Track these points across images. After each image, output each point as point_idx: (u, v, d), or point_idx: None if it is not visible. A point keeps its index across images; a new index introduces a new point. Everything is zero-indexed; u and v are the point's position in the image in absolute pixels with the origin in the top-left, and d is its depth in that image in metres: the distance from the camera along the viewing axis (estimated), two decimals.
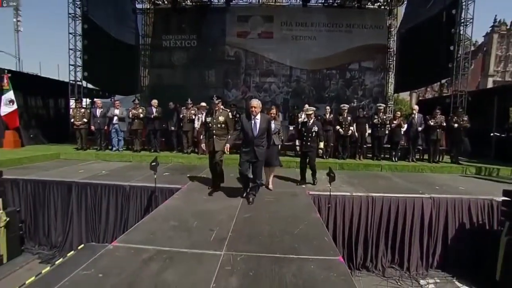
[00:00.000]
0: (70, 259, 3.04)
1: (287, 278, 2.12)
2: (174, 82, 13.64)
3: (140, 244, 2.64)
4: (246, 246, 2.66)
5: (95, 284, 2.03)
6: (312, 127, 5.10)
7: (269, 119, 4.14)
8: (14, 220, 4.77)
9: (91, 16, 10.64)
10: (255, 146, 3.90)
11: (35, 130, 9.63)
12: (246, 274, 2.18)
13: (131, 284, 2.03)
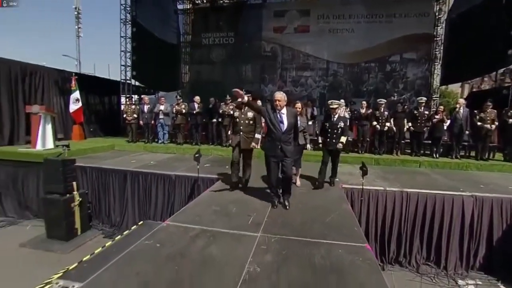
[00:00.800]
0: (133, 232, 3.59)
1: (315, 259, 2.38)
2: (213, 78, 14.26)
3: (188, 224, 3.07)
4: (280, 230, 2.96)
5: (155, 252, 2.48)
6: (337, 122, 4.56)
7: (296, 113, 3.72)
8: (84, 201, 5.63)
9: (139, 20, 11.60)
10: (283, 143, 3.52)
11: (94, 124, 10.88)
12: (279, 253, 2.47)
13: (183, 254, 2.44)
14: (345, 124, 4.63)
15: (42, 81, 8.87)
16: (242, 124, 4.27)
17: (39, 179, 6.48)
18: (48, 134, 7.21)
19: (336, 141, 4.53)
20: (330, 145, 4.59)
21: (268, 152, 3.64)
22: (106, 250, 3.19)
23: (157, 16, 12.82)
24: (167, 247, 2.54)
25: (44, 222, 5.58)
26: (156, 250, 2.50)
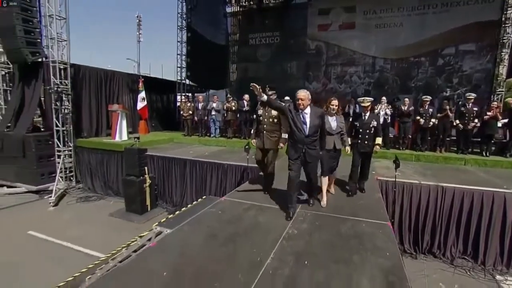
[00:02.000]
0: (199, 203, 4.51)
1: (342, 229, 2.97)
2: (259, 76, 15.01)
3: (241, 200, 3.86)
4: (314, 208, 3.58)
5: (218, 216, 3.31)
6: (370, 121, 4.12)
7: (321, 113, 3.32)
8: (153, 183, 6.88)
9: (193, 26, 12.86)
10: (307, 147, 3.21)
11: (155, 120, 12.48)
12: (313, 223, 3.12)
13: (238, 219, 3.23)
14: (378, 123, 4.19)
15: (118, 83, 10.59)
16: (265, 122, 4.05)
17: (118, 164, 7.97)
18: (123, 128, 8.74)
19: (369, 142, 4.11)
20: (362, 147, 4.14)
21: (291, 156, 3.31)
22: (181, 213, 4.16)
23: (208, 21, 14.00)
24: (227, 214, 3.36)
25: (124, 198, 6.97)
26: (218, 215, 3.33)
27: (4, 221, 6.46)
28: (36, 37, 8.34)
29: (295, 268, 2.22)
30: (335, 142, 3.81)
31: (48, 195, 8.02)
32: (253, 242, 2.62)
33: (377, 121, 4.20)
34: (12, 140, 8.41)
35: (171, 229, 3.00)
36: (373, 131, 4.11)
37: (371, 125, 4.11)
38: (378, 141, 4.12)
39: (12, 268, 4.55)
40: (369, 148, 4.15)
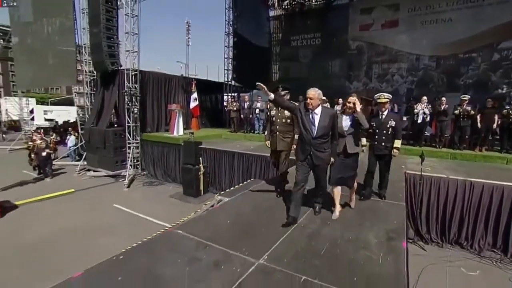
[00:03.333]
0: (247, 184, 5.54)
1: (360, 205, 3.68)
2: (300, 76, 15.70)
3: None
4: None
5: (260, 194, 4.24)
6: (387, 120, 3.74)
7: (333, 114, 3.08)
8: (206, 171, 8.12)
9: (239, 31, 14.00)
10: (314, 149, 3.02)
11: (204, 118, 13.95)
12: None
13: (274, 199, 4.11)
14: (398, 123, 3.79)
15: (174, 86, 12.21)
16: (278, 123, 3.91)
17: (176, 155, 9.41)
18: (180, 124, 10.22)
19: (386, 144, 3.74)
20: (378, 150, 3.79)
21: (298, 158, 3.19)
22: (235, 189, 5.22)
23: (253, 25, 14.98)
24: (270, 187, 4.28)
25: (182, 183, 8.33)
26: (260, 194, 4.26)
27: (96, 197, 8.26)
28: (115, 50, 10.18)
29: (319, 226, 3.04)
30: (347, 144, 3.20)
31: (121, 179, 9.82)
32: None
33: (396, 121, 3.77)
34: (97, 134, 10.41)
35: (229, 198, 4.03)
36: (391, 132, 3.72)
37: (388, 125, 3.72)
38: (397, 144, 3.70)
39: (108, 229, 6.06)
40: (386, 150, 3.73)
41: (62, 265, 4.28)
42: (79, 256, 4.63)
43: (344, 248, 2.54)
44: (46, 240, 5.55)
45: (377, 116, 3.91)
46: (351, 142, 3.25)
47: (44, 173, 10.38)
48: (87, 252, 4.86)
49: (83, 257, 3.84)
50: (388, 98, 3.80)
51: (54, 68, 12.45)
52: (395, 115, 3.98)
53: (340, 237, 2.73)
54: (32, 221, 6.48)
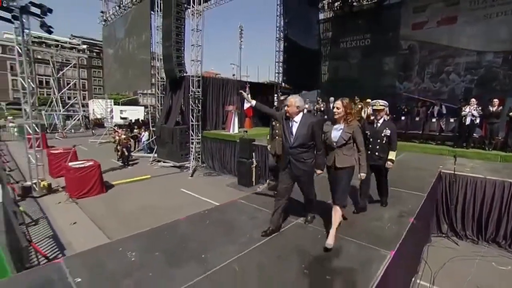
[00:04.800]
0: None
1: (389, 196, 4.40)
2: (349, 77, 15.98)
3: None
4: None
5: None
6: (382, 129, 3.57)
7: (311, 122, 2.90)
8: (257, 165, 9.32)
9: (289, 35, 14.90)
10: (293, 158, 2.89)
11: (256, 118, 15.23)
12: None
13: None
14: (393, 133, 3.54)
15: (230, 88, 13.72)
16: (278, 127, 3.86)
17: (231, 150, 10.82)
18: (235, 123, 11.63)
19: (380, 154, 3.55)
20: (372, 160, 3.55)
21: (281, 166, 3.11)
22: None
23: (303, 29, 15.72)
24: None
25: (237, 175, 9.67)
26: None
27: (166, 183, 10.11)
28: (182, 60, 12.01)
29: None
30: (336, 158, 2.83)
31: (185, 169, 11.62)
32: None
33: (391, 130, 3.55)
34: (166, 131, 12.42)
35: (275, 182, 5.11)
36: (386, 142, 3.55)
37: (383, 134, 3.54)
38: (391, 155, 3.50)
39: (178, 207, 7.62)
40: (380, 161, 3.55)
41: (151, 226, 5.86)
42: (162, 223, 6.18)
43: (360, 219, 3.40)
44: (137, 210, 7.33)
45: (372, 123, 3.73)
46: (341, 155, 2.82)
47: (126, 162, 12.77)
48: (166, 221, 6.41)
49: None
50: (384, 105, 3.64)
51: (134, 75, 15.03)
52: (390, 124, 3.68)
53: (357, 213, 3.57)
54: (125, 196, 8.45)
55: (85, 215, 7.07)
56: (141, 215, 7.00)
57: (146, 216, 6.93)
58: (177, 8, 11.60)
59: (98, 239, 5.60)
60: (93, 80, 69.45)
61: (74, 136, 24.01)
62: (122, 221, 6.75)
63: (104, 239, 5.70)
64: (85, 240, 5.54)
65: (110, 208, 7.65)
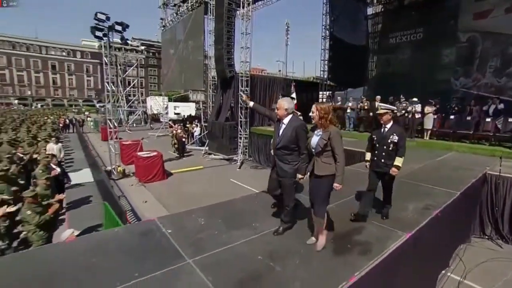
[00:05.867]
0: None
1: (418, 189, 4.71)
2: (399, 72, 15.44)
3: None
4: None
5: None
6: (389, 135, 3.35)
7: (296, 126, 2.89)
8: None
9: (335, 33, 14.98)
10: (278, 159, 3.00)
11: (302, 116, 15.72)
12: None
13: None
14: (402, 139, 3.31)
15: (276, 86, 14.45)
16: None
17: None
18: None
19: (386, 162, 3.36)
20: (378, 166, 3.44)
21: (271, 163, 3.18)
22: None
23: (350, 26, 15.65)
24: None
25: None
26: None
27: (217, 173, 11.32)
28: (232, 61, 13.07)
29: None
30: (315, 165, 2.74)
31: (234, 162, 12.73)
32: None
33: (399, 135, 3.31)
34: (217, 126, 13.68)
35: None
36: (393, 148, 3.32)
37: (389, 140, 3.33)
38: (398, 162, 3.28)
39: (229, 195, 8.59)
40: (386, 168, 3.36)
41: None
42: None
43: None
44: (193, 194, 8.55)
45: (379, 128, 3.52)
46: (320, 162, 2.71)
47: (181, 153, 14.37)
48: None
49: None
50: (387, 109, 3.40)
51: (189, 75, 16.64)
52: (399, 129, 3.46)
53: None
54: (182, 183, 9.80)
55: (152, 196, 8.51)
56: (197, 198, 8.18)
57: (202, 198, 8.07)
58: (228, 14, 12.65)
59: (164, 214, 6.85)
60: (149, 78, 76.15)
61: (136, 129, 27.13)
62: (181, 202, 7.99)
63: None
64: (154, 215, 6.82)
65: (171, 191, 9.02)
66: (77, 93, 71.03)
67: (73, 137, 20.13)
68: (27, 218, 4.28)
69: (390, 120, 3.39)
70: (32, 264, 2.45)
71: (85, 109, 51.48)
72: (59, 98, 68.10)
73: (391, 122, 3.42)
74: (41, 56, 65.64)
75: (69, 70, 69.34)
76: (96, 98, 69.69)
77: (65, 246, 2.99)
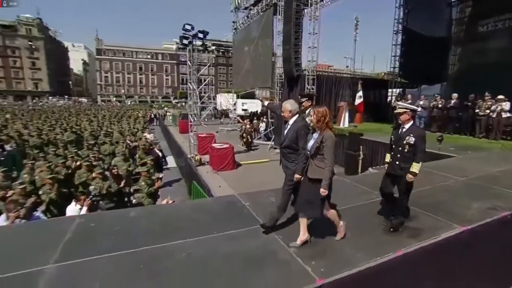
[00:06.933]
0: None
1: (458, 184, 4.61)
2: (488, 66, 13.66)
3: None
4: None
5: None
6: (405, 136, 3.10)
7: (297, 127, 2.99)
8: (364, 157, 10.00)
9: (409, 26, 14.01)
10: (283, 157, 3.20)
11: (368, 113, 15.37)
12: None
13: None
14: (420, 141, 3.03)
15: (342, 84, 14.47)
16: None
17: (340, 143, 11.69)
18: (346, 118, 12.44)
19: (401, 165, 3.13)
20: (392, 169, 3.25)
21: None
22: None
23: (427, 16, 14.28)
24: None
25: (344, 165, 10.63)
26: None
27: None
28: (299, 60, 13.63)
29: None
30: (309, 167, 2.77)
31: None
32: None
33: (416, 137, 3.03)
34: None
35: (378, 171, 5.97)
36: (408, 150, 3.07)
37: (405, 141, 3.07)
38: (414, 167, 3.01)
39: None
40: (401, 171, 3.12)
41: None
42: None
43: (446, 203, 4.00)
44: (261, 184, 9.48)
45: (398, 129, 3.28)
46: (313, 165, 2.73)
47: (249, 147, 15.59)
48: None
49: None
50: (405, 108, 3.17)
51: (258, 74, 17.80)
52: (417, 130, 3.17)
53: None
54: (251, 173, 10.88)
55: (224, 182, 9.77)
56: (264, 186, 9.05)
57: (268, 187, 8.93)
58: (296, 15, 13.19)
59: None
60: (218, 76, 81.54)
61: (207, 124, 29.86)
62: (250, 189, 8.93)
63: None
64: None
65: (240, 179, 10.16)
66: (157, 91, 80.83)
67: (157, 129, 23.51)
68: (141, 187, 5.73)
69: (409, 120, 3.14)
70: (152, 215, 3.59)
71: (164, 105, 58.31)
72: (143, 96, 78.70)
73: (410, 122, 3.16)
74: (132, 60, 77.02)
75: (152, 70, 79.66)
76: (173, 95, 78.30)
77: (170, 206, 4.11)
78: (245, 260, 2.59)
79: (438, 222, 3.47)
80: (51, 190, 5.26)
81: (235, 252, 2.73)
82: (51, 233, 3.05)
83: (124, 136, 9.93)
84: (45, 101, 57.87)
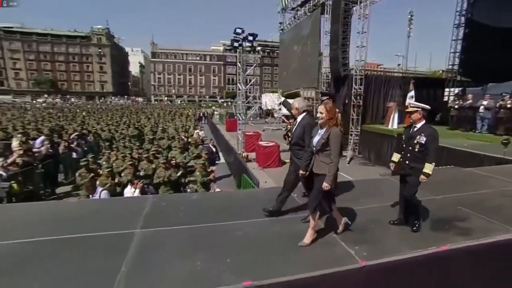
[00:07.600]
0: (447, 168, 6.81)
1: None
2: None
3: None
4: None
5: None
6: (416, 135, 3.05)
7: (303, 124, 3.14)
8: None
9: (475, 17, 12.71)
10: (293, 154, 3.33)
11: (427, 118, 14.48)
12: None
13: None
14: (432, 141, 2.97)
15: (392, 84, 13.88)
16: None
17: (388, 144, 11.39)
18: (395, 119, 11.97)
19: (411, 164, 3.08)
20: (401, 168, 3.22)
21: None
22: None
23: (497, 5, 12.68)
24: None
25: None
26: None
27: None
28: (346, 60, 13.44)
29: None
30: (314, 163, 2.80)
31: (343, 157, 13.17)
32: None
33: (428, 137, 2.97)
34: None
35: None
36: (419, 150, 3.02)
37: (415, 140, 3.04)
38: (426, 168, 2.94)
39: None
40: (410, 171, 3.08)
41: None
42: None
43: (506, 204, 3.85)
44: None
45: (409, 129, 3.26)
46: (318, 161, 2.76)
47: None
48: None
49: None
50: (417, 107, 3.15)
51: (304, 73, 17.89)
52: (429, 130, 3.06)
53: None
54: None
55: (270, 178, 10.17)
56: None
57: None
58: (344, 14, 13.02)
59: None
60: (263, 76, 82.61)
61: (253, 123, 30.64)
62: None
63: None
64: None
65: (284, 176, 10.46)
66: (205, 91, 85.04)
67: (206, 127, 24.93)
68: (197, 177, 6.42)
69: (421, 119, 3.11)
70: (211, 200, 4.22)
71: (211, 104, 61.11)
72: (192, 95, 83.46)
73: (422, 122, 3.12)
74: (183, 62, 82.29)
75: (200, 71, 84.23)
76: (219, 94, 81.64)
77: (226, 193, 4.62)
78: (293, 239, 2.93)
79: (491, 224, 3.40)
80: (130, 174, 6.30)
81: (284, 233, 3.10)
82: (135, 207, 3.75)
83: (178, 132, 10.99)
84: (110, 101, 66.21)
